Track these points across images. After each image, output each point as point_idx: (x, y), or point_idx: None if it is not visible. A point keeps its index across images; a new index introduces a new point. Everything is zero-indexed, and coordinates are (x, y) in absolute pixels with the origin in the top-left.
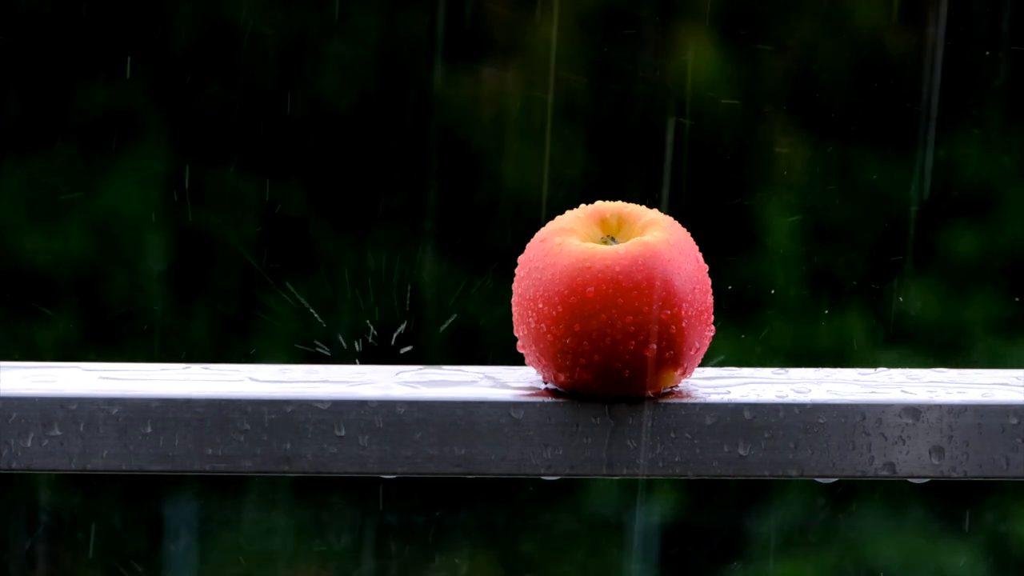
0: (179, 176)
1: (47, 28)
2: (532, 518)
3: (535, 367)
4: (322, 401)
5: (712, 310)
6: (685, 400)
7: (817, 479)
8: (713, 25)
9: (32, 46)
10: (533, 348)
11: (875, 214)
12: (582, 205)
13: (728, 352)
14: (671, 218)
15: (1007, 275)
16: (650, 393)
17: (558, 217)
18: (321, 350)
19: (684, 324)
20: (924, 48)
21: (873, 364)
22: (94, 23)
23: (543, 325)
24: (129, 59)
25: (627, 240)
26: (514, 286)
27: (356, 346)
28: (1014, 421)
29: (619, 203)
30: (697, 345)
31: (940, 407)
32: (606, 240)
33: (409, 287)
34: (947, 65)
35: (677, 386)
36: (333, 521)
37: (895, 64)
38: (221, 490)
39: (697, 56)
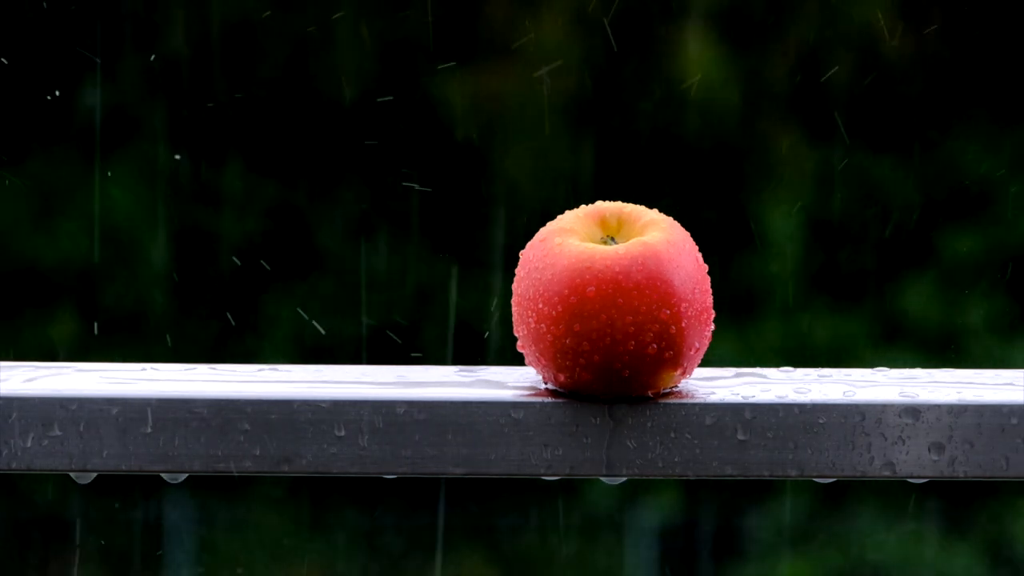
0: (180, 175)
1: (47, 27)
2: (532, 518)
3: (535, 367)
4: (322, 401)
5: (712, 310)
6: (685, 400)
7: (817, 479)
8: (714, 25)
9: (32, 46)
10: (533, 348)
11: (875, 214)
12: (582, 205)
13: (728, 352)
14: (671, 218)
15: (1007, 275)
16: (650, 393)
17: (558, 217)
18: (321, 350)
19: (684, 324)
20: (924, 47)
21: (873, 364)
22: (94, 22)
23: (543, 325)
24: (129, 58)
25: (627, 240)
26: (514, 286)
27: (356, 346)
28: (1014, 421)
29: (619, 203)
30: (697, 345)
31: (940, 407)
32: (606, 240)
33: (409, 286)
34: (947, 64)
35: (677, 386)
36: (332, 521)
37: (895, 63)
38: (221, 490)
39: (698, 55)
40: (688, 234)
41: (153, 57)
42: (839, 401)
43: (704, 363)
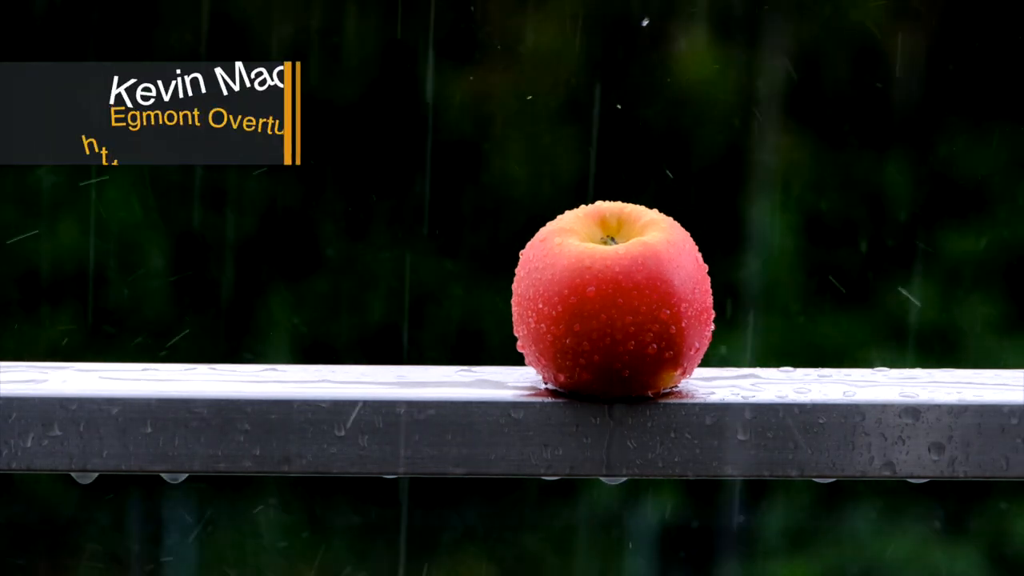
0: (178, 175)
1: (46, 27)
2: (532, 518)
3: (535, 367)
4: (322, 401)
5: (712, 310)
6: (685, 400)
7: (817, 479)
8: (713, 24)
9: (31, 45)
10: (533, 348)
11: (874, 214)
12: (582, 205)
13: (728, 352)
14: (671, 218)
15: (1007, 275)
16: (650, 393)
17: (558, 217)
18: (321, 350)
19: (684, 324)
20: (923, 46)
21: (873, 364)
22: (93, 21)
23: (543, 325)
24: (128, 57)
25: (627, 240)
26: (514, 286)
27: (356, 346)
28: (1014, 421)
29: (619, 203)
30: (697, 345)
31: (940, 407)
32: (606, 240)
33: (409, 287)
34: (946, 64)
35: (677, 386)
36: (332, 521)
37: (894, 63)
38: (221, 490)
39: (697, 55)
40: (688, 234)
41: (152, 56)
42: (839, 401)
43: (704, 363)
